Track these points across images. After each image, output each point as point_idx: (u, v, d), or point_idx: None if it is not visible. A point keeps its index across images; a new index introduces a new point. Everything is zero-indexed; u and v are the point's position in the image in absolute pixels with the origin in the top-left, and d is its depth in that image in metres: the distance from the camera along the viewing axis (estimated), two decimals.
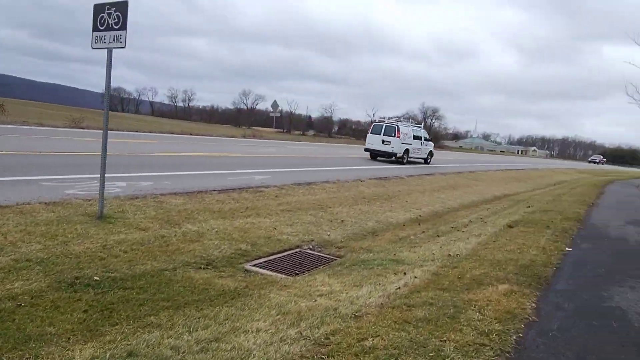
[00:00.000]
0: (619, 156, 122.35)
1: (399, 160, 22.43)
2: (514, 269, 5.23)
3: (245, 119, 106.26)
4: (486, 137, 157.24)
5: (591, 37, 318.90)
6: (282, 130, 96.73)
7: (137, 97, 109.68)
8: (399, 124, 23.99)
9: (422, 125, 30.05)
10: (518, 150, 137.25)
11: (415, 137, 24.17)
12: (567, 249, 6.74)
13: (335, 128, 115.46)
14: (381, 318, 3.49)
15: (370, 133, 23.49)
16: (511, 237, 7.30)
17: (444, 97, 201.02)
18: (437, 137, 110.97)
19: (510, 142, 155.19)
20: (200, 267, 4.79)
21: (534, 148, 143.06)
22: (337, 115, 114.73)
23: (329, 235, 7.49)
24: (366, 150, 23.79)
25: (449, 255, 5.97)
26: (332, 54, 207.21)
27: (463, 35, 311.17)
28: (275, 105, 29.24)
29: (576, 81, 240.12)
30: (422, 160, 25.32)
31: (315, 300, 3.95)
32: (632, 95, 18.26)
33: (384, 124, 23.19)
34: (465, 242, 6.93)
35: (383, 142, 22.39)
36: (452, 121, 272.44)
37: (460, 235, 7.78)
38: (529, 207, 12.21)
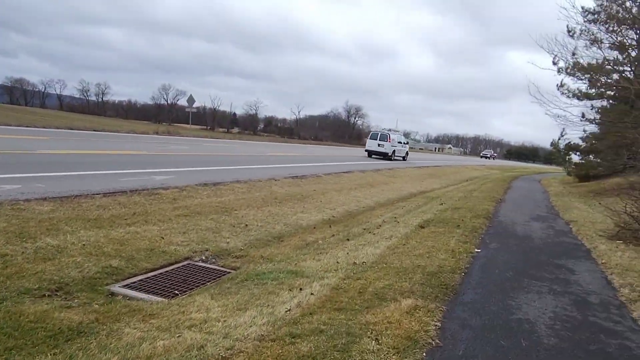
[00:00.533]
0: (523, 153, 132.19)
1: (389, 158, 31.42)
2: (421, 277, 4.76)
3: (165, 115, 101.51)
4: (406, 135, 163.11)
5: (498, 43, 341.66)
6: (205, 127, 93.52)
7: (44, 90, 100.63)
8: (390, 132, 32.58)
9: (402, 134, 41.12)
10: (435, 148, 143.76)
11: (399, 142, 34.02)
12: (476, 250, 6.47)
13: (261, 125, 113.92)
14: (255, 359, 2.78)
15: (369, 139, 32.72)
16: (422, 239, 6.93)
17: (367, 96, 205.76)
18: (361, 135, 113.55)
19: (429, 140, 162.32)
20: (44, 295, 3.79)
21: (450, 146, 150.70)
22: (263, 113, 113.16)
23: (227, 243, 6.68)
24: (366, 150, 32.66)
25: (355, 263, 5.41)
26: (256, 50, 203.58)
27: (383, 36, 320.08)
28: (191, 100, 27.43)
29: (486, 83, 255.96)
30: (402, 158, 34.46)
31: (181, 335, 3.15)
32: (534, 94, 19.13)
33: (379, 132, 32.29)
34: (375, 247, 6.44)
35: (379, 145, 31.58)
36: (375, 119, 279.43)
37: (371, 239, 7.30)
38: (442, 204, 12.16)
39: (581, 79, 21.99)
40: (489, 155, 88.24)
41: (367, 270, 5.05)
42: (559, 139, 23.12)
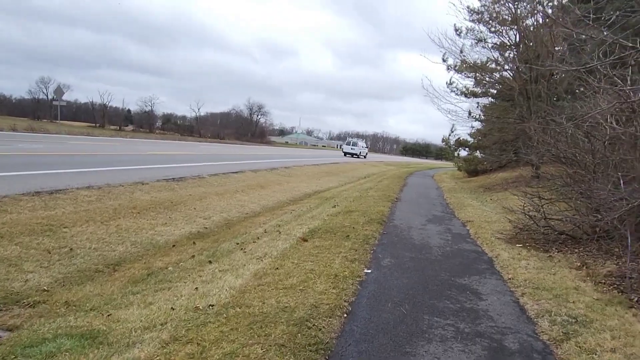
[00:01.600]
0: (417, 150, 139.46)
1: (358, 157, 50.15)
2: (284, 332, 3.21)
3: (47, 111, 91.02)
4: (309, 132, 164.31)
5: (391, 45, 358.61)
6: (94, 124, 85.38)
7: None
8: (358, 140, 60.96)
9: (364, 139, 68.37)
10: (337, 145, 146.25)
11: (362, 146, 55.97)
12: (365, 271, 5.10)
13: (159, 123, 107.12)
14: None
15: (345, 144, 57.21)
16: (301, 259, 5.42)
17: (270, 94, 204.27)
18: (264, 133, 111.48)
19: (331, 138, 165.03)
20: None
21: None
22: (160, 109, 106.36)
23: (26, 280, 4.62)
24: (343, 152, 53.28)
25: (197, 308, 3.72)
26: (151, 43, 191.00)
27: (285, 35, 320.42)
28: (59, 91, 23.17)
29: (382, 83, 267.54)
30: (364, 157, 53.85)
31: None
32: (427, 88, 18.88)
33: (352, 140, 59.95)
34: (237, 275, 4.79)
35: (352, 148, 53.39)
36: (278, 117, 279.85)
37: (239, 260, 5.65)
38: (335, 206, 10.90)
39: (468, 77, 22.26)
40: (358, 153, 53.45)
41: (208, 323, 3.38)
42: (450, 135, 23.38)
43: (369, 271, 5.13)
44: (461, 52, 20.68)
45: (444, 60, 21.46)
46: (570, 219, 7.18)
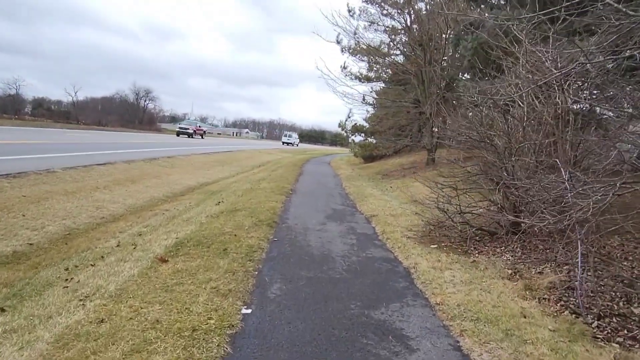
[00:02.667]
0: (312, 136, 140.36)
1: (293, 145, 63.85)
2: None
3: None
4: (203, 119, 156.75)
5: (282, 30, 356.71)
6: None
7: None
8: (292, 132, 77.73)
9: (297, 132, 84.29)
10: (233, 133, 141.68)
11: (296, 137, 72.63)
12: (243, 311, 3.42)
13: (29, 108, 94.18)
14: None
15: (283, 136, 73.21)
16: (146, 298, 3.56)
17: (157, 79, 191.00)
18: (153, 120, 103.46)
19: (226, 125, 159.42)
20: None
21: (247, 130, 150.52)
22: (29, 93, 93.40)
23: None
24: (282, 142, 67.93)
25: None
26: (13, 17, 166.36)
27: (169, 16, 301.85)
28: None
29: (274, 69, 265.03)
30: (297, 145, 66.47)
31: None
32: (322, 69, 17.56)
33: (288, 132, 77.49)
34: (21, 346, 2.82)
35: (288, 139, 69.17)
36: (169, 103, 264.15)
37: (50, 304, 3.62)
38: (219, 203, 9.04)
39: (362, 60, 21.44)
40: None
41: None
42: (346, 120, 22.48)
43: (249, 311, 3.45)
44: (355, 33, 19.72)
45: (338, 42, 20.35)
46: (488, 213, 6.17)
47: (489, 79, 8.52)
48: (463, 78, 14.64)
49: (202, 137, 52.82)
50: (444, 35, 16.42)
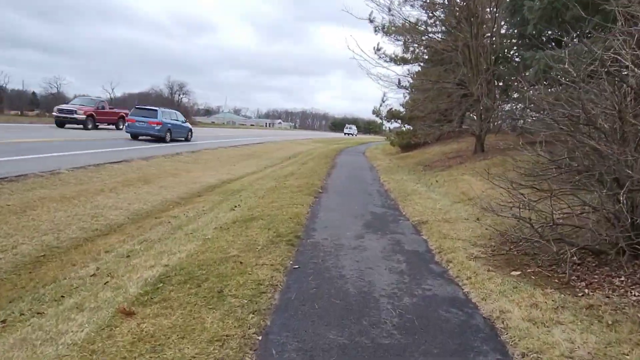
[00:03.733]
0: (345, 125, 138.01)
1: (353, 136, 69.71)
2: None
3: None
4: (237, 111, 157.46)
5: (311, 19, 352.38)
6: None
7: None
8: (352, 125, 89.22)
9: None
10: (266, 124, 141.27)
11: (355, 129, 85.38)
12: None
13: None
14: None
15: (345, 128, 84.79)
16: None
17: (190, 72, 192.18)
18: (187, 114, 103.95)
19: (259, 116, 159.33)
20: None
21: (280, 121, 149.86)
22: (69, 92, 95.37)
23: None
24: (344, 133, 76.11)
25: None
26: (52, 18, 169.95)
27: (200, 8, 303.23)
28: None
29: (305, 58, 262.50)
30: (355, 135, 73.15)
31: None
32: (353, 49, 15.75)
33: (348, 125, 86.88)
34: None
35: (349, 129, 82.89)
36: (203, 97, 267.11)
37: None
38: (236, 207, 7.58)
39: (398, 40, 19.49)
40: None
41: None
42: (381, 105, 20.56)
43: None
44: (389, 10, 17.79)
45: (370, 21, 18.47)
46: (594, 227, 4.35)
47: (568, 44, 6.58)
48: (521, 52, 12.50)
49: (119, 128, 26.24)
50: (489, 8, 14.32)
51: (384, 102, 20.46)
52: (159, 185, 10.69)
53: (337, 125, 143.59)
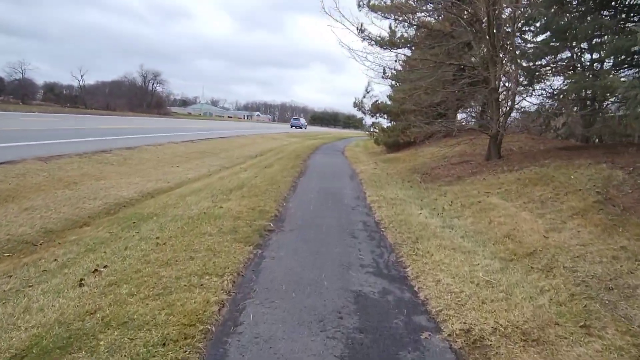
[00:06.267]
0: (325, 118, 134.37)
1: (301, 128, 64.76)
2: None
3: None
4: (215, 103, 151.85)
5: (287, 7, 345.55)
6: None
7: None
8: (300, 117, 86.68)
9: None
10: (244, 116, 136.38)
11: (304, 121, 76.95)
12: None
13: (41, 93, 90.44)
14: None
15: (292, 119, 78.66)
16: None
17: (165, 61, 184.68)
18: (161, 104, 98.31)
19: (238, 108, 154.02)
20: None
21: (258, 113, 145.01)
22: (38, 78, 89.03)
23: None
24: (291, 126, 66.89)
25: None
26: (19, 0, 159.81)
27: None
28: None
29: (284, 49, 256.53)
30: (305, 128, 68.16)
31: None
32: (330, 12, 11.95)
33: (297, 117, 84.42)
34: None
35: (297, 122, 71.66)
36: (179, 87, 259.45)
37: None
38: (82, 281, 3.75)
39: (386, 17, 15.78)
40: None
41: None
42: (364, 96, 16.91)
43: None
44: None
45: None
46: None
47: None
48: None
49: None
50: None
51: (368, 92, 16.82)
52: (28, 206, 6.76)
53: (317, 119, 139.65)
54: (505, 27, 10.05)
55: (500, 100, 10.27)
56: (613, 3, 8.98)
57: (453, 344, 2.81)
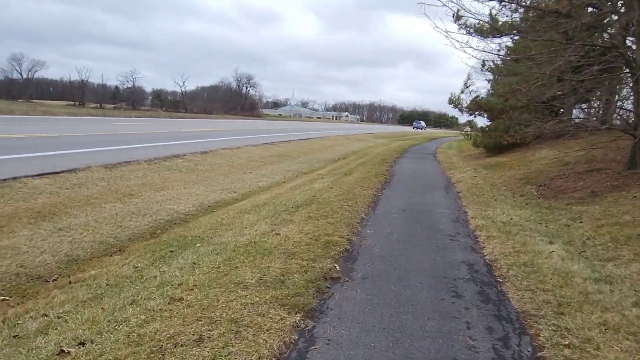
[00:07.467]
0: (415, 118, 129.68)
1: (422, 130, 75.04)
2: None
3: (22, 91, 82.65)
4: (304, 104, 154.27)
5: (375, 6, 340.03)
6: (73, 103, 75.91)
7: None
8: (421, 120, 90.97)
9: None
10: (333, 116, 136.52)
11: (423, 124, 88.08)
12: None
13: (149, 99, 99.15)
14: None
15: (415, 122, 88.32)
16: None
17: (257, 64, 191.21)
18: (254, 106, 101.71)
19: (327, 109, 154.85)
20: None
21: (346, 113, 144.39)
22: (146, 85, 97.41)
23: None
24: (413, 127, 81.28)
25: None
26: (128, 14, 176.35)
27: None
28: None
29: (371, 48, 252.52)
30: (423, 129, 77.55)
31: None
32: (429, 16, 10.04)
33: (418, 120, 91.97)
34: None
35: (417, 124, 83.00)
36: (270, 89, 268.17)
37: None
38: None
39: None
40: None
41: None
42: (462, 91, 14.60)
43: None
44: None
45: None
46: None
47: None
48: None
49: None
50: None
51: (467, 86, 14.50)
52: (65, 225, 5.87)
53: (406, 118, 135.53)
54: None
55: None
56: None
57: None
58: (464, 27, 14.39)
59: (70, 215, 6.24)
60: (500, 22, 14.15)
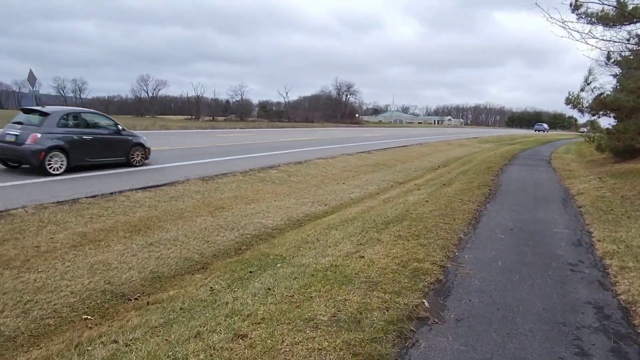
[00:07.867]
0: (525, 119, 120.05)
1: (544, 132, 71.25)
2: None
3: (148, 108, 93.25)
4: (405, 109, 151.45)
5: (479, 4, 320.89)
6: (190, 117, 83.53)
7: (18, 90, 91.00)
8: (543, 123, 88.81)
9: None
10: (435, 121, 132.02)
11: (546, 126, 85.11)
12: None
13: (256, 111, 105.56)
14: None
15: (536, 124, 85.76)
16: None
17: (357, 72, 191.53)
18: (353, 114, 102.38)
19: (428, 113, 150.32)
20: None
21: (449, 117, 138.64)
22: (253, 98, 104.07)
23: None
24: (535, 129, 79.38)
25: None
26: (237, 32, 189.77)
27: (363, 6, 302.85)
28: (31, 77, 16.30)
29: (475, 48, 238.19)
30: (546, 132, 74.05)
31: None
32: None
33: (541, 123, 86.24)
34: None
35: (539, 126, 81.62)
36: (370, 96, 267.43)
37: None
38: None
39: None
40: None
41: None
42: (582, 89, 12.75)
43: None
44: None
45: None
46: None
47: None
48: None
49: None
50: None
51: (588, 83, 12.65)
52: (156, 239, 6.01)
53: (515, 120, 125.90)
54: None
55: None
56: None
57: None
58: (583, 16, 12.67)
59: (162, 229, 6.40)
60: (631, 7, 12.17)
